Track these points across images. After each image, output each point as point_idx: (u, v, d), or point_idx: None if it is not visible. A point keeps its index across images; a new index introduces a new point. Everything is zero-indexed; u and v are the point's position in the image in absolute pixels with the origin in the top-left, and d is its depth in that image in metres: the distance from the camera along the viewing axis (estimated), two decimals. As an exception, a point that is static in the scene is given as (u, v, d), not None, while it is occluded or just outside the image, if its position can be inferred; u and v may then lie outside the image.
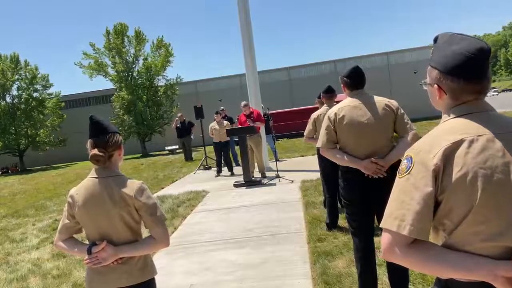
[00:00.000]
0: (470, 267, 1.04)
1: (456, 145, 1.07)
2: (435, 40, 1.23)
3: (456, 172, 1.05)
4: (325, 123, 2.74)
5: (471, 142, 1.06)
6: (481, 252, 1.05)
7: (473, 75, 1.12)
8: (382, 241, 1.12)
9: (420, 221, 1.06)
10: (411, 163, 1.12)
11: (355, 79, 2.71)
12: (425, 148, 1.11)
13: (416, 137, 2.62)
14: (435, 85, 1.18)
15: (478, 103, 1.15)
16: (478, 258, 1.04)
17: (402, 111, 2.68)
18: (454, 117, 1.15)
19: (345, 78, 2.74)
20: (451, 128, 1.12)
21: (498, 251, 1.04)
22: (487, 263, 1.02)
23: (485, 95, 1.16)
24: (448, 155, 1.07)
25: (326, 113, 2.84)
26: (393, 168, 2.57)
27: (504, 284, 1.00)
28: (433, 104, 1.25)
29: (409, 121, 2.67)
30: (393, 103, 2.68)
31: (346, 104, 2.69)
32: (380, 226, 1.14)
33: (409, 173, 1.11)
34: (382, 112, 2.61)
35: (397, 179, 1.16)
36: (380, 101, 2.66)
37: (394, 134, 2.74)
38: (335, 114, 2.67)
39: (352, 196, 2.70)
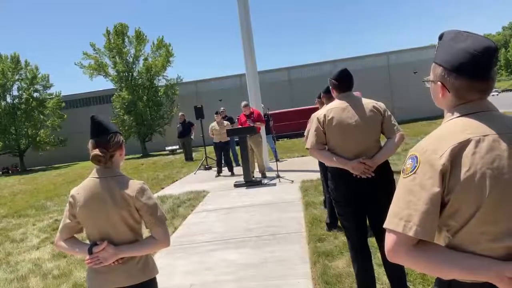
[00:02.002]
0: (476, 268, 1.03)
1: (463, 144, 1.05)
2: (441, 37, 1.20)
3: (464, 172, 1.03)
4: (314, 125, 2.79)
5: (478, 142, 1.05)
6: (486, 253, 1.04)
7: (478, 74, 1.10)
8: (386, 242, 1.10)
9: (427, 222, 1.04)
10: (417, 163, 1.09)
11: (344, 82, 2.76)
12: (431, 148, 1.09)
13: (403, 138, 2.71)
14: (439, 83, 1.17)
15: (482, 102, 1.13)
16: (483, 259, 1.03)
17: (389, 113, 2.74)
18: (459, 116, 1.13)
19: (333, 81, 2.79)
20: (457, 127, 1.11)
21: (503, 251, 1.03)
22: (493, 264, 1.02)
23: (489, 94, 1.15)
24: (456, 155, 1.05)
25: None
26: (381, 168, 2.63)
27: (510, 285, 0.99)
28: (435, 102, 1.24)
29: (396, 123, 2.73)
30: (381, 105, 2.74)
31: (335, 106, 2.74)
32: (384, 226, 1.11)
33: (414, 172, 1.09)
34: (370, 114, 2.66)
35: (401, 178, 1.13)
36: (367, 103, 2.71)
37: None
38: (324, 115, 2.72)
39: (342, 196, 2.73)
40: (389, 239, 1.09)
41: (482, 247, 1.04)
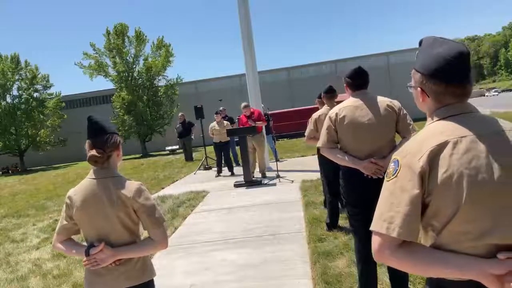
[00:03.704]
0: (461, 266, 1.05)
1: (441, 147, 1.09)
2: (420, 43, 1.25)
3: (441, 174, 1.07)
4: (326, 123, 2.75)
5: (455, 143, 1.08)
6: (469, 251, 1.07)
7: (454, 78, 1.14)
8: (372, 244, 1.14)
9: (409, 223, 1.08)
10: (398, 166, 1.14)
11: (358, 80, 2.71)
12: (411, 151, 1.13)
13: None
14: (418, 88, 1.21)
15: (461, 105, 1.17)
16: (467, 257, 1.06)
17: (405, 111, 2.68)
18: (438, 120, 1.17)
19: (347, 79, 2.74)
20: (436, 130, 1.14)
21: (485, 249, 1.06)
22: (477, 261, 1.04)
23: (468, 97, 1.18)
24: (434, 157, 1.09)
25: (327, 113, 2.85)
26: None
27: (494, 281, 1.02)
28: (418, 106, 1.28)
29: (411, 122, 2.67)
30: (395, 103, 2.68)
31: (348, 104, 2.69)
32: (370, 229, 1.16)
33: (396, 176, 1.13)
34: (384, 113, 2.61)
35: (385, 182, 1.18)
36: (382, 101, 2.66)
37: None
38: (336, 114, 2.68)
39: (353, 196, 2.70)
40: (374, 240, 1.14)
41: (464, 246, 1.07)
